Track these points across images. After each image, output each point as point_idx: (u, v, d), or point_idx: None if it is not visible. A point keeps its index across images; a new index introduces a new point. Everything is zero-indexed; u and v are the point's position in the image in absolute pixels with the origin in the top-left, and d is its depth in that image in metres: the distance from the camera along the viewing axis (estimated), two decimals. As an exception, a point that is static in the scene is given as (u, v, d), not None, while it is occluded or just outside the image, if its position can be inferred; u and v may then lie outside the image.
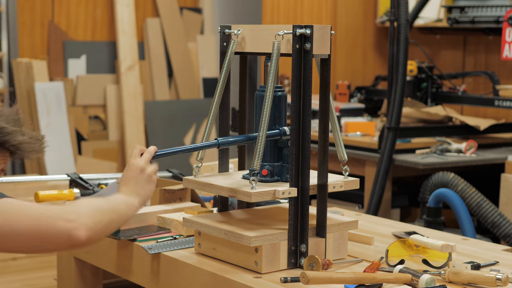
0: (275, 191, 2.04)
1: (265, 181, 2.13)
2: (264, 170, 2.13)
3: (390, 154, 4.08)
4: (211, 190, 2.13)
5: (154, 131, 6.27)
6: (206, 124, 2.17)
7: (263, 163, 2.14)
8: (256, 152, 2.03)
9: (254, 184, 2.03)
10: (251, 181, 2.03)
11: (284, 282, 1.97)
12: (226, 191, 2.08)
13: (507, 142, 4.52)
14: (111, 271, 2.49)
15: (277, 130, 2.15)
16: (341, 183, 2.15)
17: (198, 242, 2.23)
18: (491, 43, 5.02)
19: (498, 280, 1.92)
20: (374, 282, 1.91)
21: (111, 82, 6.25)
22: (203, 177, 2.19)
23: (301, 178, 2.05)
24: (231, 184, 2.09)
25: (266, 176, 2.13)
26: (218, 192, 2.11)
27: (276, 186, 2.08)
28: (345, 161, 2.19)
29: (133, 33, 6.19)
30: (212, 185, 2.12)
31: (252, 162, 2.03)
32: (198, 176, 2.19)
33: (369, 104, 5.17)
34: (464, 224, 3.37)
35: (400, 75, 4.12)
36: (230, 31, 2.20)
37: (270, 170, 2.15)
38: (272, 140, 2.15)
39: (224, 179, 2.16)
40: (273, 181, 2.14)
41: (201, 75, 6.63)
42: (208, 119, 2.19)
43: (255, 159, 2.03)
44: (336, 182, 2.14)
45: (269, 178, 2.14)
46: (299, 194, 2.06)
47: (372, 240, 2.36)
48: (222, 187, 2.09)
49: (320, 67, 2.11)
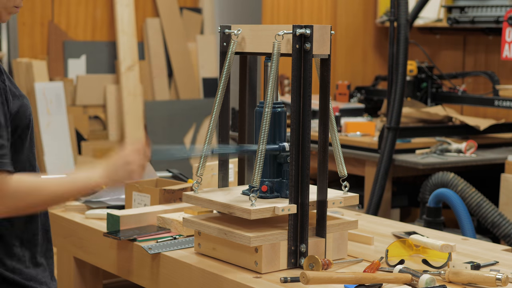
0: (274, 207, 2.05)
1: (264, 197, 2.14)
2: (263, 186, 2.14)
3: (390, 154, 4.08)
4: (210, 206, 2.13)
5: (154, 131, 6.27)
6: (209, 125, 2.18)
7: (263, 179, 2.15)
8: (255, 168, 2.04)
9: (254, 201, 2.04)
10: (250, 198, 2.04)
11: (284, 282, 1.97)
12: (226, 207, 2.08)
13: (507, 142, 4.52)
14: (111, 271, 2.49)
15: (276, 146, 2.16)
16: (340, 199, 2.16)
17: (198, 242, 2.23)
18: (491, 43, 5.02)
19: (498, 280, 1.92)
20: (374, 282, 1.91)
21: (111, 82, 6.25)
22: (202, 192, 2.20)
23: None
24: (231, 200, 2.10)
25: (265, 192, 2.14)
26: (217, 209, 2.11)
27: (275, 203, 2.08)
28: (345, 176, 2.19)
29: (133, 33, 6.19)
30: (211, 201, 2.12)
31: (252, 179, 2.04)
32: (198, 192, 2.19)
33: (369, 104, 5.17)
34: (464, 224, 3.38)
35: (400, 75, 4.12)
36: (230, 31, 2.20)
37: (270, 186, 2.15)
38: (271, 155, 2.15)
39: (224, 195, 2.17)
40: (273, 197, 2.15)
41: (201, 75, 6.63)
42: (210, 120, 2.19)
43: (255, 175, 2.04)
44: (336, 198, 2.15)
45: (269, 194, 2.15)
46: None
47: (372, 240, 2.36)
48: (221, 204, 2.10)
49: (320, 67, 2.11)
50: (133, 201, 2.69)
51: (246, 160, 2.28)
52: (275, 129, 2.16)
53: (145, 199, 2.67)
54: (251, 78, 2.27)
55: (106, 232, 2.44)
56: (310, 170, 2.07)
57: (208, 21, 6.72)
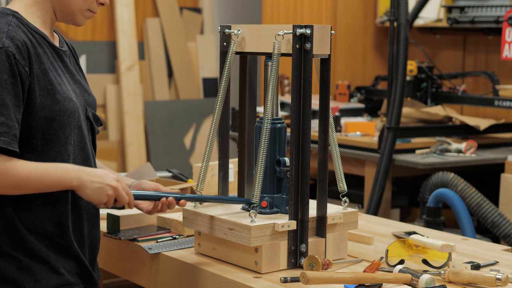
0: (274, 224, 2.05)
1: (264, 213, 2.14)
2: (263, 202, 2.14)
3: (390, 154, 4.08)
4: (210, 222, 2.13)
5: (154, 131, 6.26)
6: (211, 126, 2.17)
7: (263, 195, 2.15)
8: (255, 184, 2.04)
9: (254, 217, 2.04)
10: (250, 214, 2.04)
11: (284, 282, 1.97)
12: (226, 223, 2.08)
13: (507, 142, 4.52)
14: (111, 271, 2.49)
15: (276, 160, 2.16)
16: (340, 215, 2.16)
17: (198, 242, 2.23)
18: (491, 43, 5.02)
19: (498, 280, 1.92)
20: (374, 282, 1.91)
21: (111, 82, 6.25)
22: (203, 208, 2.20)
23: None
24: (231, 216, 2.10)
25: (265, 207, 2.14)
26: (217, 225, 2.11)
27: (275, 219, 2.09)
28: (345, 191, 2.19)
29: (133, 33, 6.19)
30: (212, 217, 2.12)
31: (251, 195, 2.04)
32: (198, 207, 2.19)
33: (369, 104, 5.17)
34: (464, 224, 3.38)
35: (400, 75, 4.12)
36: (230, 31, 2.21)
37: (270, 201, 2.16)
38: (271, 171, 2.16)
39: (224, 211, 2.17)
40: (273, 213, 2.15)
41: (201, 75, 6.63)
42: (212, 120, 2.19)
43: (254, 191, 2.04)
44: (335, 214, 2.15)
45: (269, 210, 2.15)
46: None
47: (372, 240, 2.36)
48: (221, 220, 2.09)
49: (320, 67, 2.11)
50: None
51: (245, 173, 2.28)
52: (274, 145, 2.17)
53: (145, 199, 2.66)
54: (251, 78, 2.27)
55: (106, 232, 2.45)
56: (310, 170, 2.07)
57: (208, 21, 6.72)
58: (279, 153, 2.17)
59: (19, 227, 1.92)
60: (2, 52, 1.85)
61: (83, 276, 2.03)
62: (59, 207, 1.96)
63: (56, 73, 1.96)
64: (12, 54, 1.85)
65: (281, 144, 2.18)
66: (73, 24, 2.04)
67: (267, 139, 2.06)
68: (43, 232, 1.94)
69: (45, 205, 1.94)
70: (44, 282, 1.93)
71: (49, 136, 1.92)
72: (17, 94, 1.85)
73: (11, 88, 1.84)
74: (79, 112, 1.99)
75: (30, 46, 1.90)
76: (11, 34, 1.87)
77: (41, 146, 1.92)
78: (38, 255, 1.93)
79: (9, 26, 1.89)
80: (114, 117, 6.20)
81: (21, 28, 1.91)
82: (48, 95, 1.91)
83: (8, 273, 1.91)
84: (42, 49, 1.94)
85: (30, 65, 1.88)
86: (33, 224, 1.93)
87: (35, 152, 1.91)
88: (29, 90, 1.89)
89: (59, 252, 1.97)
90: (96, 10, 2.04)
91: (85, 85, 2.11)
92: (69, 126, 1.95)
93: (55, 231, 1.96)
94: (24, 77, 1.87)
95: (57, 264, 1.95)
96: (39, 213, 1.93)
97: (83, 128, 2.01)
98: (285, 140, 2.20)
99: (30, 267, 1.92)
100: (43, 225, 1.94)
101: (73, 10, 2.01)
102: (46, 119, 1.91)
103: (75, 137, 1.98)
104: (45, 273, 1.93)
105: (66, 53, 2.05)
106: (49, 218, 1.95)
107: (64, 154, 1.95)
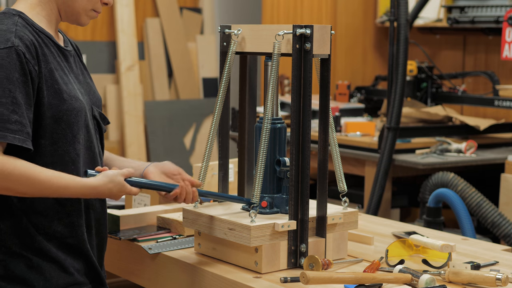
0: (274, 224, 2.05)
1: (264, 213, 2.14)
2: (263, 202, 2.14)
3: (390, 154, 4.08)
4: (210, 222, 2.13)
5: (154, 131, 6.26)
6: (211, 126, 2.17)
7: (263, 194, 2.15)
8: (255, 184, 2.04)
9: (254, 217, 2.04)
10: (250, 214, 2.04)
11: (284, 282, 1.97)
12: (226, 223, 2.08)
13: (507, 142, 4.52)
14: (111, 271, 2.49)
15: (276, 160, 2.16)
16: (340, 215, 2.16)
17: (198, 242, 2.23)
18: (491, 43, 5.02)
19: (498, 280, 1.92)
20: (374, 282, 1.91)
21: (111, 82, 6.25)
22: (203, 207, 2.20)
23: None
24: (231, 216, 2.10)
25: (265, 207, 2.14)
26: (217, 225, 2.11)
27: (275, 219, 2.09)
28: (345, 192, 2.19)
29: (133, 33, 6.19)
30: (212, 217, 2.12)
31: (252, 195, 2.04)
32: (197, 207, 2.19)
33: (369, 104, 5.17)
34: (464, 224, 3.38)
35: (400, 75, 4.12)
36: (230, 31, 2.21)
37: (270, 201, 2.16)
38: (271, 171, 2.16)
39: (224, 211, 2.17)
40: (273, 213, 2.15)
41: (201, 75, 6.63)
42: (212, 120, 2.19)
43: (254, 191, 2.04)
44: (335, 214, 2.15)
45: (269, 210, 2.15)
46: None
47: (372, 240, 2.36)
48: (221, 220, 2.10)
49: (320, 67, 2.11)
50: (133, 201, 2.69)
51: (245, 173, 2.28)
52: (274, 145, 2.17)
53: (145, 199, 2.67)
54: (251, 78, 2.27)
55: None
56: (310, 170, 2.07)
57: (208, 21, 6.72)
58: (279, 153, 2.17)
59: (28, 228, 1.92)
60: (13, 51, 1.85)
61: (91, 276, 2.03)
62: (69, 207, 1.96)
63: (62, 73, 1.96)
64: (23, 53, 1.85)
65: (281, 144, 2.18)
66: (77, 24, 2.04)
67: (267, 139, 2.06)
68: (52, 233, 1.94)
69: (55, 206, 1.94)
70: (54, 281, 1.93)
71: (57, 136, 1.92)
72: (28, 93, 1.86)
73: (23, 87, 1.85)
74: (86, 111, 1.99)
75: (37, 46, 1.90)
76: (20, 34, 1.88)
77: (50, 146, 1.92)
78: (48, 255, 1.93)
79: (17, 26, 1.89)
80: (114, 117, 6.20)
81: (27, 28, 1.91)
82: (55, 95, 1.91)
83: (18, 272, 1.91)
84: (48, 49, 1.94)
85: (38, 64, 1.89)
86: (42, 225, 1.93)
87: (44, 151, 1.91)
88: (38, 90, 1.89)
89: (68, 252, 1.97)
90: (100, 10, 2.04)
91: (90, 83, 2.11)
92: (76, 125, 1.95)
93: (65, 231, 1.96)
94: (34, 76, 1.87)
95: (66, 264, 1.96)
96: (49, 213, 1.94)
97: (90, 127, 2.01)
98: (285, 140, 2.20)
99: (40, 266, 1.92)
100: (52, 226, 1.94)
101: (78, 10, 2.01)
102: (54, 119, 1.91)
103: (83, 136, 1.99)
104: (55, 272, 1.94)
105: (71, 53, 2.06)
106: (59, 218, 1.95)
107: (72, 153, 1.95)
